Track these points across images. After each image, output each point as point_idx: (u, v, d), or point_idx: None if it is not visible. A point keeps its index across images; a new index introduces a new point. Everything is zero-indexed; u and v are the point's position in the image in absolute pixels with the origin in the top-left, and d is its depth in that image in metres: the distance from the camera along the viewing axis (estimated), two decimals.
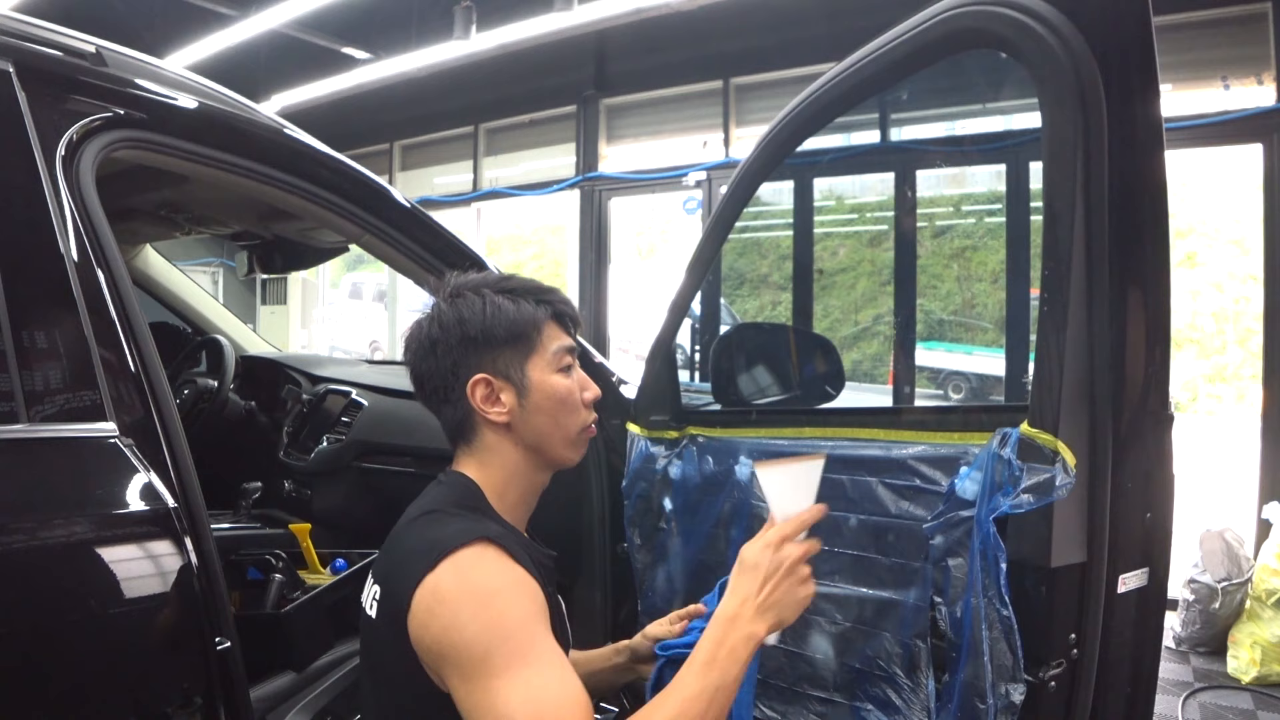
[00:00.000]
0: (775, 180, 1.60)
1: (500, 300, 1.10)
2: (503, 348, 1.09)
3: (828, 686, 1.38)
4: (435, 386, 1.11)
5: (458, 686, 0.92)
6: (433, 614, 0.93)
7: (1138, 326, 1.08)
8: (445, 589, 0.93)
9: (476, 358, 1.09)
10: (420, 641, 0.95)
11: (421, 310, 1.16)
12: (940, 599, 1.19)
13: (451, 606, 0.93)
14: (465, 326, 1.09)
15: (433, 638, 0.93)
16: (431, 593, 0.93)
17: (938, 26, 1.17)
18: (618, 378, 1.85)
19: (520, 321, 1.10)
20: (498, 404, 1.09)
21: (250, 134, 1.43)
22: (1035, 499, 1.02)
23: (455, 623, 0.92)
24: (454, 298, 1.11)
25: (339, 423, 2.36)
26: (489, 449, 1.11)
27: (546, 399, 1.11)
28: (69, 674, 0.95)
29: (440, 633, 0.93)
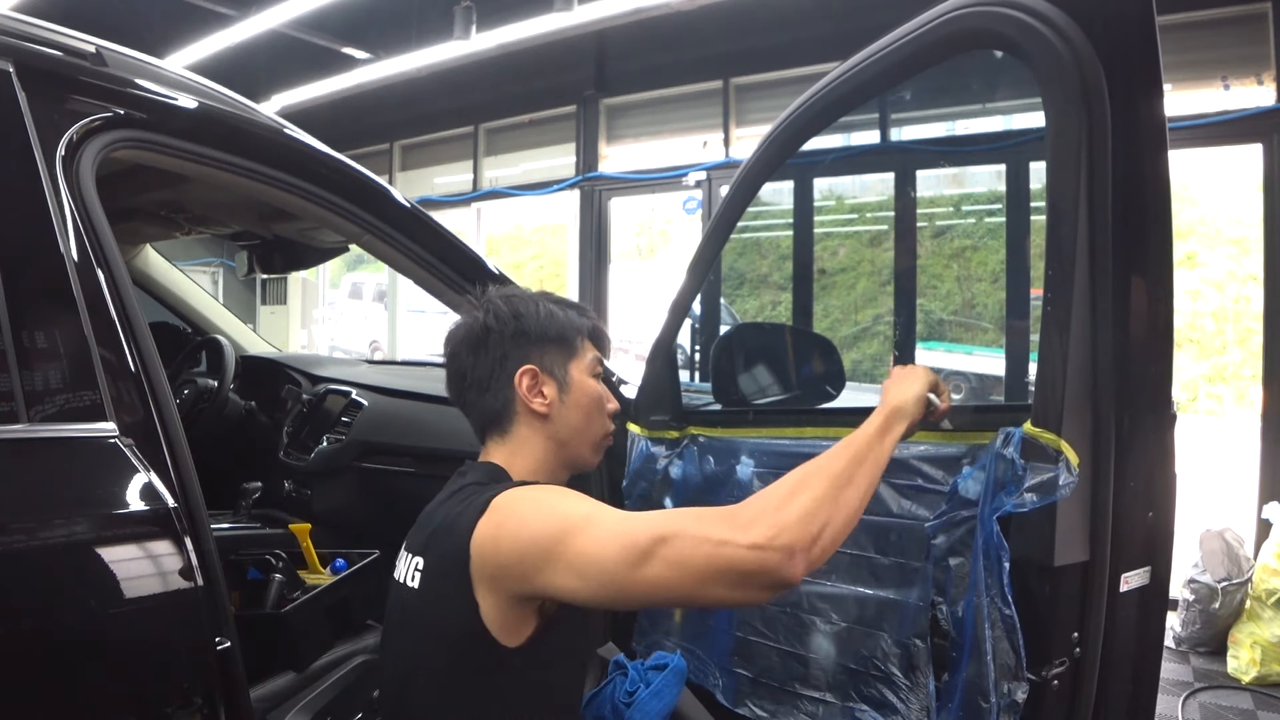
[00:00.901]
0: (776, 180, 1.60)
1: (551, 306, 1.23)
2: (550, 346, 1.20)
3: (820, 686, 1.37)
4: (479, 376, 1.19)
5: (548, 571, 0.95)
6: (499, 535, 0.99)
7: (1140, 326, 1.08)
8: (501, 511, 1.00)
9: (526, 350, 1.19)
10: (495, 569, 0.99)
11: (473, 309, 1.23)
12: (942, 598, 1.19)
13: (514, 516, 1.00)
14: (521, 321, 1.19)
15: (506, 551, 0.98)
16: (489, 523, 1.00)
17: (941, 27, 1.17)
18: (618, 378, 1.85)
19: (568, 326, 1.23)
20: (540, 395, 1.18)
21: (250, 134, 1.43)
22: (1038, 498, 1.02)
23: (523, 525, 0.98)
24: (508, 297, 1.22)
25: (339, 423, 2.36)
26: (523, 439, 1.19)
27: (584, 397, 1.22)
28: (69, 674, 0.95)
29: (512, 541, 0.98)
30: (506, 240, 15.86)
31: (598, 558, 0.92)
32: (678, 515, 0.96)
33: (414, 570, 1.08)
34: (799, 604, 1.42)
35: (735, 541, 0.89)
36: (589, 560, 0.93)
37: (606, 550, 0.92)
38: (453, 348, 1.21)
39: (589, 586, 0.94)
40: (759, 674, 1.47)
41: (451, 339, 1.22)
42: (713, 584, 0.89)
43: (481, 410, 1.20)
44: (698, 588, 0.90)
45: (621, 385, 1.82)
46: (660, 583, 0.90)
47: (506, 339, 1.18)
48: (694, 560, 0.89)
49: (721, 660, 1.53)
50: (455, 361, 1.21)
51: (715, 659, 1.53)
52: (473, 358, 1.19)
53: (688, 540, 0.90)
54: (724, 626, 1.53)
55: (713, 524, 0.91)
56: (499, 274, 1.72)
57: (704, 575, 0.89)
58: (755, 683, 1.47)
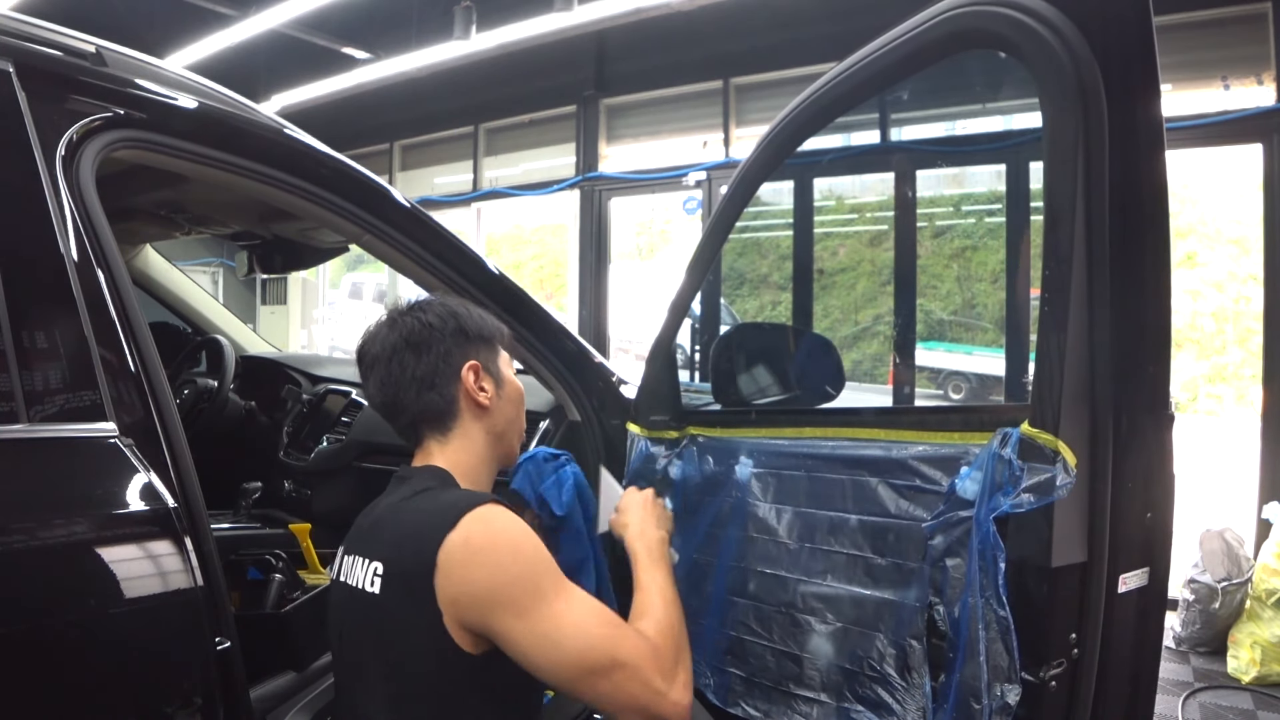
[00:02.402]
0: (775, 180, 1.60)
1: (474, 309, 1.29)
2: (483, 344, 1.26)
3: (816, 686, 1.37)
4: (422, 374, 1.20)
5: (512, 625, 1.01)
6: (470, 564, 1.01)
7: (1138, 326, 1.08)
8: (478, 540, 1.02)
9: (466, 348, 1.23)
10: (457, 594, 1.01)
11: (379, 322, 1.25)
12: (939, 599, 1.19)
13: (490, 553, 1.02)
14: (460, 320, 1.24)
15: (477, 586, 1.01)
16: (463, 545, 1.02)
17: (939, 26, 1.17)
18: (618, 378, 1.85)
19: (494, 326, 1.29)
20: (482, 389, 1.23)
21: (250, 134, 1.43)
22: (1036, 498, 1.03)
23: (499, 566, 1.02)
24: (434, 302, 1.26)
25: (339, 423, 2.36)
26: (463, 435, 1.22)
27: (515, 391, 1.30)
28: (69, 674, 0.95)
29: (485, 580, 1.01)
30: (506, 240, 15.86)
31: (558, 644, 1.01)
32: (631, 644, 1.05)
33: (373, 575, 1.08)
34: (795, 603, 1.42)
35: (665, 695, 1.04)
36: (550, 641, 1.01)
37: (568, 644, 1.01)
38: (388, 349, 1.21)
39: (536, 658, 1.01)
40: (752, 673, 1.46)
41: (382, 341, 1.22)
42: (634, 714, 1.04)
43: (422, 408, 1.20)
44: (622, 711, 1.04)
45: (621, 385, 1.82)
46: (598, 696, 1.03)
47: (448, 337, 1.22)
48: (636, 697, 1.03)
49: (713, 659, 1.52)
50: (393, 363, 1.20)
51: (705, 657, 1.53)
52: (415, 356, 1.20)
53: (636, 679, 1.03)
54: (715, 625, 1.53)
55: (651, 664, 1.04)
56: (499, 274, 1.72)
57: (634, 708, 1.03)
58: (748, 682, 1.47)
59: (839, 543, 1.37)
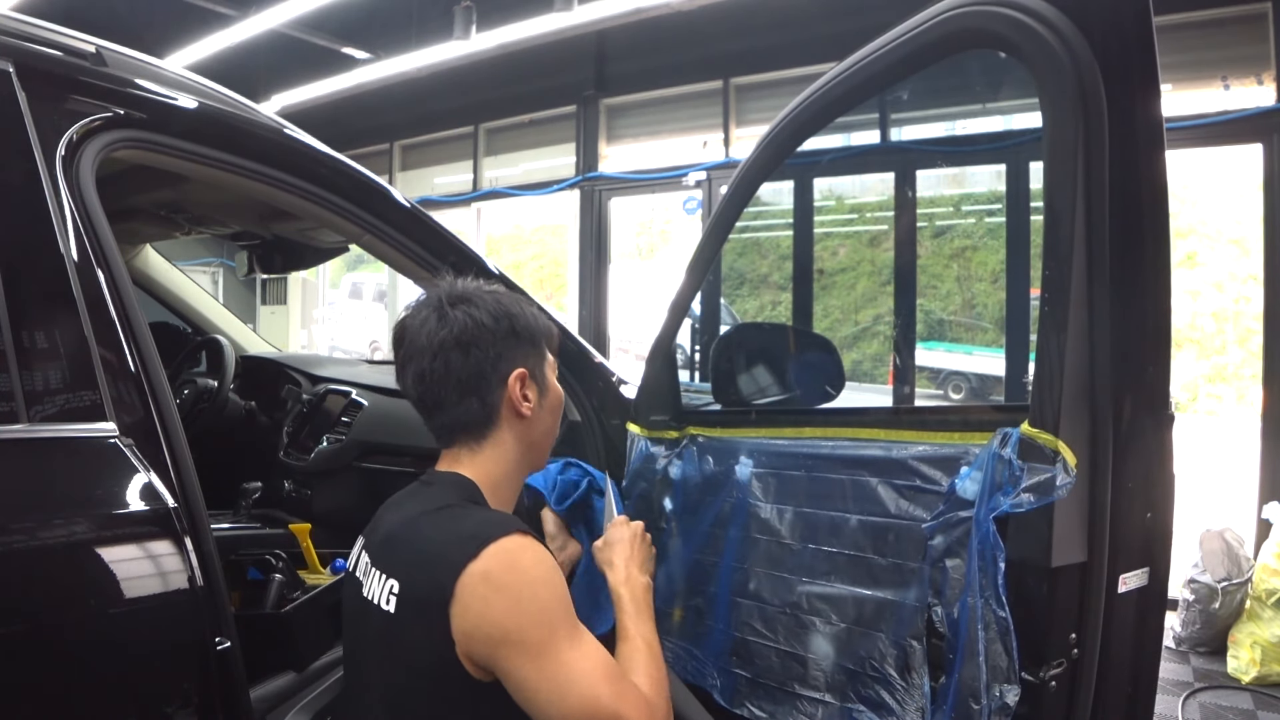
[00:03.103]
0: (775, 180, 1.60)
1: (529, 307, 1.20)
2: (533, 348, 1.18)
3: (820, 687, 1.37)
4: (465, 376, 1.11)
5: (522, 665, 0.98)
6: (489, 600, 0.97)
7: (1138, 326, 1.08)
8: (499, 576, 0.98)
9: (517, 352, 1.15)
10: (472, 628, 0.97)
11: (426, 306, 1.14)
12: (938, 599, 1.19)
13: (510, 592, 0.98)
14: (514, 321, 1.15)
15: (491, 624, 0.97)
16: (483, 580, 0.98)
17: (938, 26, 1.17)
18: (618, 378, 1.85)
19: (546, 328, 1.21)
20: (526, 398, 1.16)
21: (250, 134, 1.43)
22: (1036, 498, 1.02)
23: (517, 607, 0.98)
24: (470, 301, 1.13)
25: (339, 423, 2.36)
26: (499, 444, 1.15)
27: (556, 399, 1.23)
28: (69, 674, 0.95)
29: (501, 617, 0.97)
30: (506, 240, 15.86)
31: (564, 694, 0.98)
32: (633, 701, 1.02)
33: (389, 593, 1.03)
34: (798, 604, 1.42)
35: None
36: (556, 689, 0.98)
37: (574, 694, 0.98)
38: (434, 344, 1.10)
39: (539, 703, 0.99)
40: (757, 674, 1.46)
41: (429, 334, 1.11)
42: None
43: (460, 414, 1.13)
44: None
45: (621, 385, 1.82)
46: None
47: (500, 339, 1.12)
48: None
49: (720, 660, 1.53)
50: (436, 359, 1.10)
51: (712, 658, 1.53)
52: (462, 356, 1.10)
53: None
54: (722, 626, 1.53)
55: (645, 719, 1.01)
56: (499, 274, 1.72)
57: None
58: (753, 683, 1.47)
59: (839, 543, 1.37)
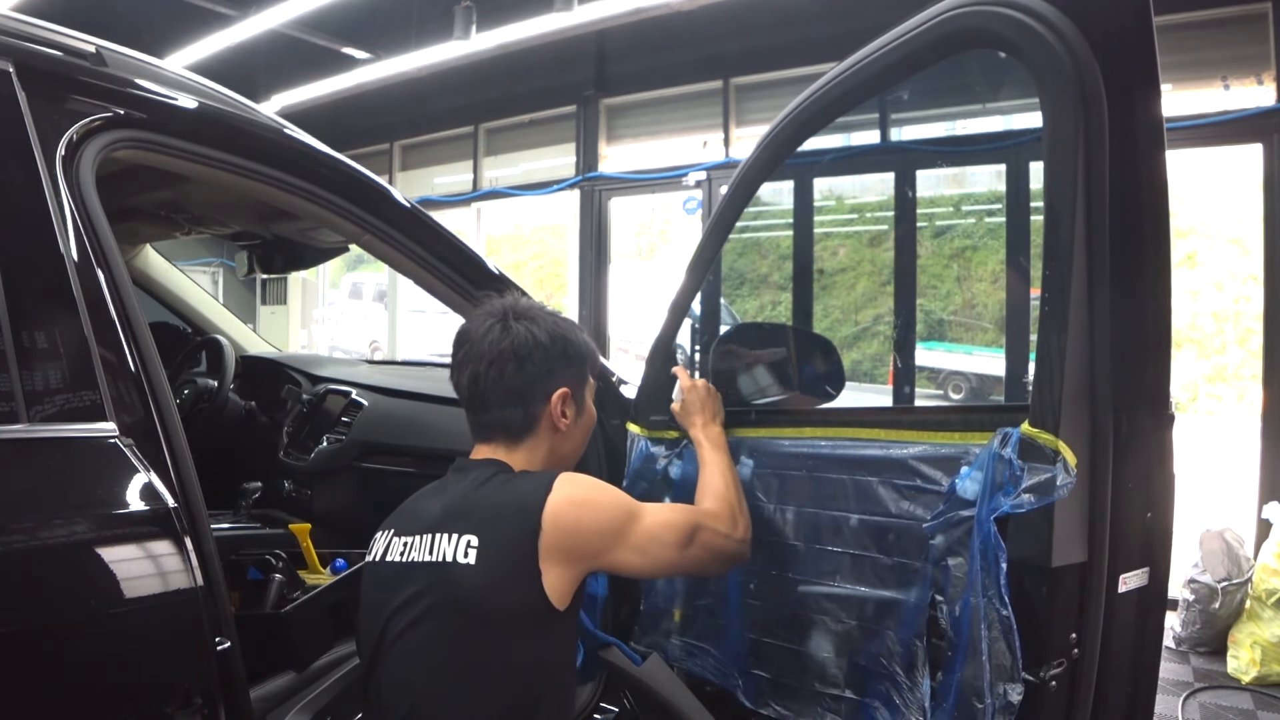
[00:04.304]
0: (775, 180, 1.60)
1: (576, 329, 1.34)
2: (579, 371, 1.32)
3: (838, 684, 1.38)
4: (516, 387, 1.26)
5: (624, 553, 1.21)
6: (580, 513, 1.18)
7: (1138, 326, 1.08)
8: (579, 494, 1.19)
9: (564, 372, 1.29)
10: (571, 545, 1.16)
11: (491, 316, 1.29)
12: (940, 598, 1.19)
13: (592, 501, 1.20)
14: (568, 345, 1.30)
15: (590, 531, 1.18)
16: (567, 501, 1.17)
17: (938, 26, 1.17)
18: (618, 378, 1.85)
19: (590, 351, 1.35)
20: (564, 415, 1.30)
21: (250, 134, 1.43)
22: (1036, 498, 1.03)
23: (602, 507, 1.21)
24: (551, 315, 1.31)
25: (339, 423, 2.36)
26: (532, 449, 1.29)
27: (590, 420, 1.38)
28: (69, 674, 0.95)
29: (594, 522, 1.19)
30: (506, 240, 15.86)
31: (659, 540, 1.24)
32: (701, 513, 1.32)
33: (467, 547, 1.15)
34: (804, 604, 1.42)
35: (735, 536, 1.34)
36: (652, 541, 1.23)
37: (664, 536, 1.24)
38: (494, 352, 1.25)
39: (647, 562, 1.24)
40: (777, 674, 1.47)
41: (492, 342, 1.26)
42: (719, 562, 1.34)
43: (504, 416, 1.27)
44: (710, 564, 1.33)
45: (621, 385, 1.82)
46: (695, 560, 1.29)
47: (554, 358, 1.27)
48: (716, 545, 1.31)
49: (739, 661, 1.53)
50: (493, 367, 1.25)
51: (733, 660, 1.54)
52: (516, 367, 1.25)
53: (711, 532, 1.30)
54: (736, 626, 1.53)
55: (719, 519, 1.33)
56: (499, 274, 1.72)
57: (718, 556, 1.33)
58: (775, 683, 1.47)
59: (840, 543, 1.37)
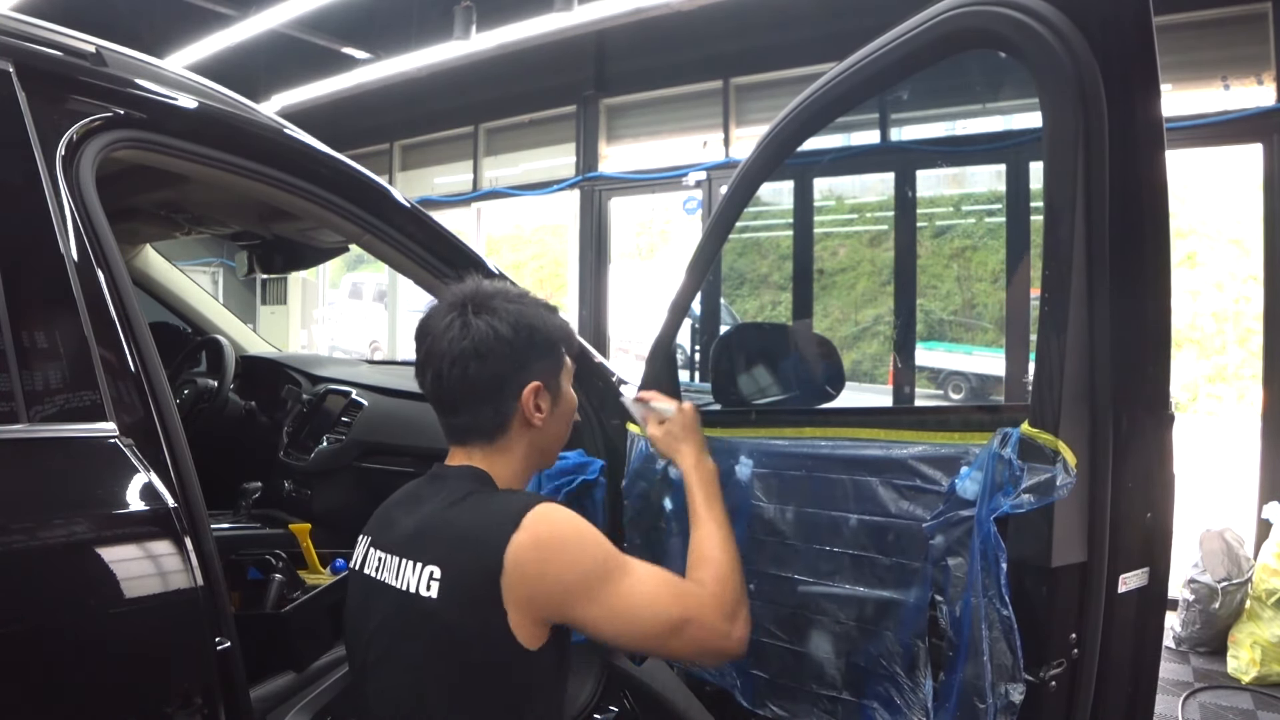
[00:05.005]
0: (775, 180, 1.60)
1: (546, 314, 1.20)
2: (549, 359, 1.20)
3: (836, 685, 1.38)
4: (481, 387, 1.14)
5: (590, 609, 1.06)
6: (544, 563, 1.04)
7: (1138, 326, 1.08)
8: (546, 537, 1.05)
9: (538, 363, 1.17)
10: (533, 592, 1.04)
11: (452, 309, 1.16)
12: (940, 598, 1.19)
13: (561, 550, 1.05)
14: (534, 333, 1.16)
15: (553, 581, 1.04)
16: (533, 545, 1.04)
17: (938, 26, 1.17)
18: (618, 378, 1.85)
19: (562, 335, 1.22)
20: (539, 409, 1.18)
21: (250, 134, 1.43)
22: (1036, 499, 1.02)
23: (571, 560, 1.05)
24: (491, 308, 1.15)
25: (339, 423, 2.36)
26: (509, 448, 1.19)
27: (569, 406, 1.25)
28: (69, 674, 0.95)
29: (560, 573, 1.05)
30: (506, 240, 15.86)
31: (636, 616, 1.08)
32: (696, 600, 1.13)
33: (429, 579, 1.06)
34: (804, 604, 1.42)
35: (732, 635, 1.14)
36: (628, 614, 1.08)
37: (643, 615, 1.08)
38: (454, 351, 1.13)
39: (618, 632, 1.09)
40: (775, 674, 1.47)
41: (451, 340, 1.13)
42: (707, 659, 1.25)
43: (473, 418, 1.16)
44: (697, 659, 1.23)
45: (621, 385, 1.82)
46: (678, 652, 1.18)
47: (519, 351, 1.14)
48: (705, 643, 1.13)
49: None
50: (455, 366, 1.13)
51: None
52: (480, 365, 1.13)
53: (704, 628, 1.12)
54: None
55: (714, 612, 1.13)
56: (499, 274, 1.72)
57: (707, 654, 1.19)
58: (772, 684, 1.47)
59: (841, 543, 1.37)
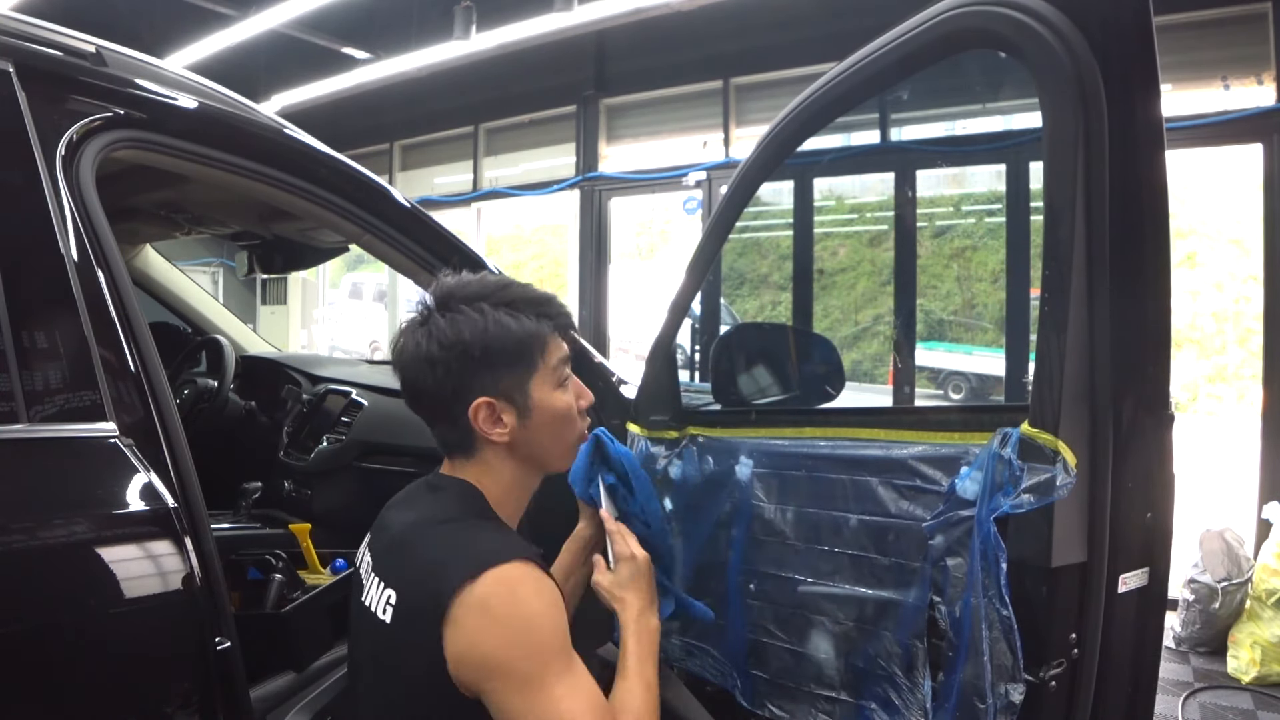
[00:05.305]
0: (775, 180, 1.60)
1: (502, 316, 1.05)
2: (504, 369, 1.05)
3: (835, 685, 1.38)
4: (433, 404, 1.07)
5: (509, 696, 0.94)
6: (483, 629, 0.94)
7: (1138, 326, 1.08)
8: (496, 606, 0.94)
9: (479, 379, 1.05)
10: (464, 652, 0.94)
11: (413, 311, 1.10)
12: (940, 598, 1.19)
13: (504, 625, 0.94)
14: (468, 347, 1.03)
15: (483, 652, 0.94)
16: (480, 607, 0.94)
17: (938, 26, 1.17)
18: (618, 378, 1.85)
19: (525, 340, 1.06)
20: (499, 425, 1.07)
21: (250, 134, 1.43)
22: (1036, 499, 1.02)
23: (510, 640, 0.94)
24: (450, 312, 1.05)
25: (339, 423, 2.36)
26: (488, 462, 1.10)
27: (549, 415, 1.09)
28: (69, 674, 0.95)
29: (493, 649, 0.94)
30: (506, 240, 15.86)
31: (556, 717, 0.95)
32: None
33: (386, 604, 1.01)
34: (804, 604, 1.42)
35: None
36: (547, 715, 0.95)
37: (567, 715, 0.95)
38: (410, 354, 1.06)
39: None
40: (774, 675, 1.47)
41: (410, 340, 1.07)
42: None
43: (440, 431, 1.10)
44: None
45: (621, 385, 1.82)
46: None
47: (454, 369, 1.03)
48: None
49: (739, 661, 1.53)
50: (407, 382, 1.08)
51: (732, 660, 1.54)
52: (430, 372, 1.04)
53: None
54: (737, 627, 1.53)
55: None
56: (497, 273, 1.72)
57: None
58: (772, 684, 1.47)
59: (841, 543, 1.37)
